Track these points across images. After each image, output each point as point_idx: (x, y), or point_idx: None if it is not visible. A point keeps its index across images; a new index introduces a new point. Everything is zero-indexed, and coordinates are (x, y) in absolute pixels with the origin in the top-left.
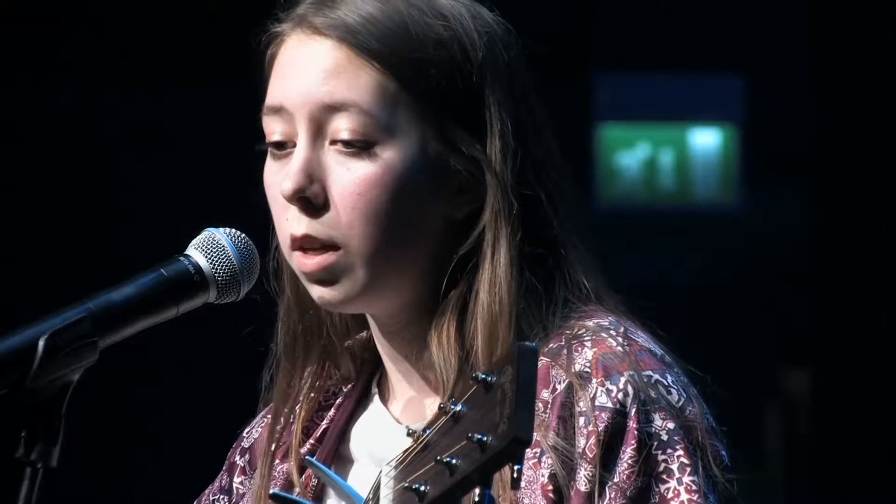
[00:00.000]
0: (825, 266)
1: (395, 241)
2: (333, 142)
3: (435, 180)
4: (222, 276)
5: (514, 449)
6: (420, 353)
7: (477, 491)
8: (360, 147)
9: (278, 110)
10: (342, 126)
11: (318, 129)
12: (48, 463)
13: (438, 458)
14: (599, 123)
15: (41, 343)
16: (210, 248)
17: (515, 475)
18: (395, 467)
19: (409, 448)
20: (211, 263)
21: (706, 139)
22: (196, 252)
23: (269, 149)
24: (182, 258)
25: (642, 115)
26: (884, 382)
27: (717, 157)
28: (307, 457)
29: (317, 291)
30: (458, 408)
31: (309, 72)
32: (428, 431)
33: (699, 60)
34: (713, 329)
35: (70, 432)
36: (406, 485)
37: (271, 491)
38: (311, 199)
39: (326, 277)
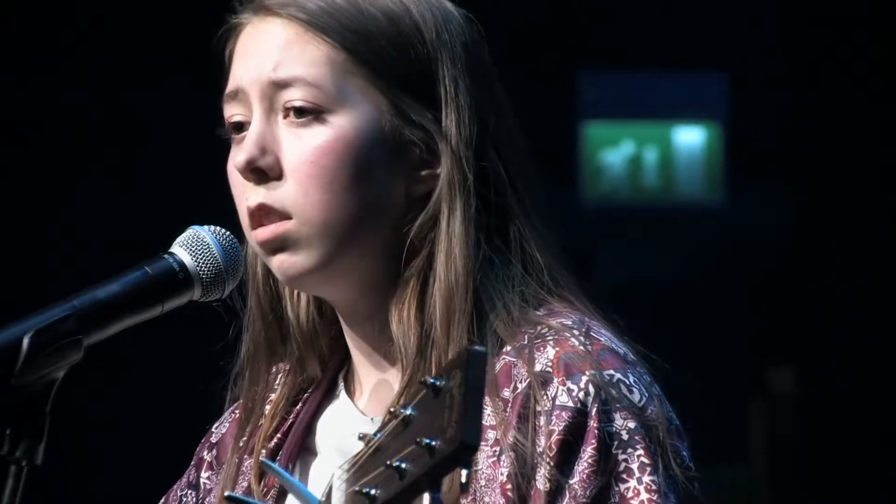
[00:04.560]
0: (809, 263)
1: (352, 211)
2: (286, 114)
3: (391, 152)
4: (207, 274)
5: (461, 454)
6: (387, 346)
7: (427, 495)
8: (310, 116)
9: (235, 94)
10: (290, 101)
11: (270, 105)
12: (33, 461)
13: (388, 462)
14: (584, 121)
15: (26, 341)
16: (195, 245)
17: (464, 480)
18: (348, 470)
19: (361, 452)
20: (196, 261)
21: (690, 137)
22: (181, 250)
23: (231, 136)
24: (167, 256)
25: (627, 113)
26: (869, 380)
27: (701, 154)
28: (263, 459)
29: (276, 261)
30: (408, 412)
31: (259, 51)
32: (379, 435)
33: (684, 58)
34: (697, 327)
35: (55, 429)
36: (357, 489)
37: (226, 493)
38: (266, 171)
39: (281, 246)
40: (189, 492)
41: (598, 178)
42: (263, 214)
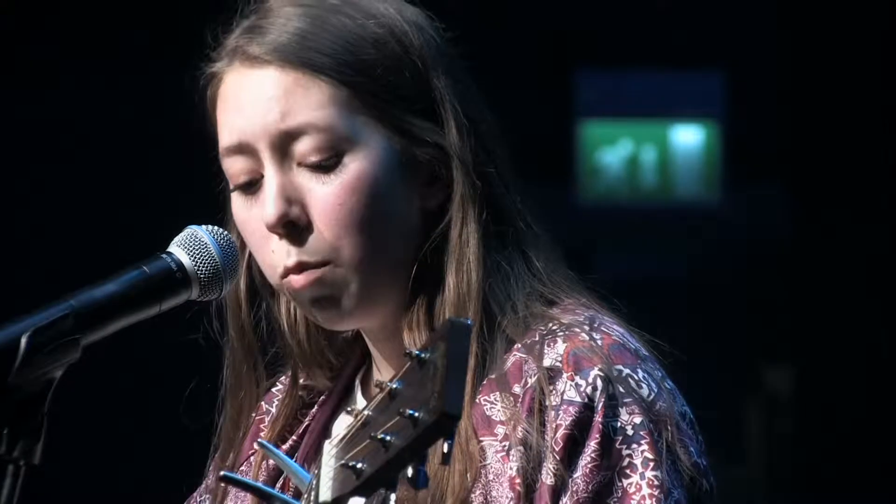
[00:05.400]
0: (807, 263)
1: (383, 244)
2: (301, 161)
3: (407, 175)
4: (205, 274)
5: (443, 423)
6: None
7: (411, 467)
8: (329, 160)
9: (238, 148)
10: (306, 149)
11: (282, 155)
12: (31, 460)
13: (373, 434)
14: (582, 120)
15: (24, 340)
16: (192, 245)
17: (446, 450)
18: (337, 445)
19: (350, 426)
20: (193, 261)
21: (688, 136)
22: (178, 249)
23: (234, 188)
24: (164, 255)
25: (624, 113)
26: (866, 380)
27: (699, 154)
28: (260, 440)
29: (316, 312)
30: (395, 385)
31: (259, 103)
32: (367, 409)
33: (682, 57)
34: (695, 326)
35: (53, 429)
36: (344, 462)
37: (222, 473)
38: (295, 222)
39: (321, 294)
40: (207, 496)
41: (595, 177)
42: (301, 270)
